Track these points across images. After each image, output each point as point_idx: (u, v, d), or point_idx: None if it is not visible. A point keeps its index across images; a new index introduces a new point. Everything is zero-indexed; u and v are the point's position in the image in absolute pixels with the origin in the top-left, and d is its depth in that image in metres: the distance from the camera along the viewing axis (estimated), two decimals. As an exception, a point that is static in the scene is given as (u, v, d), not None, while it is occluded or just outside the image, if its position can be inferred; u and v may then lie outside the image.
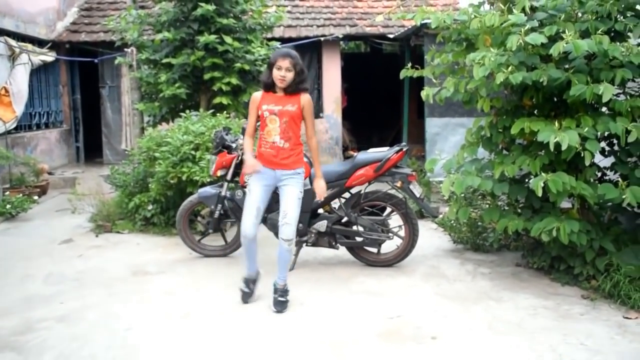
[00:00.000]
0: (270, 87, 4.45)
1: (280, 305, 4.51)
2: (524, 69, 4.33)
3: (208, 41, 7.19)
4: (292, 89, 4.39)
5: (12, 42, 9.77)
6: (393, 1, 12.73)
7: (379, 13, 11.99)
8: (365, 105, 14.78)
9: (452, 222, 6.04)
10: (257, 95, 4.51)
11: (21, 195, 8.23)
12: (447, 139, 8.39)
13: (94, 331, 4.23)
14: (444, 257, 5.91)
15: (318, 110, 11.92)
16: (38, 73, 11.00)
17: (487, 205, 5.76)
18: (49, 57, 11.06)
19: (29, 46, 10.38)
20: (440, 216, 6.57)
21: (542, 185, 4.22)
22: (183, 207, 6.04)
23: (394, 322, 4.30)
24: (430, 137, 8.45)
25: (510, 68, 4.22)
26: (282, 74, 4.29)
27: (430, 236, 6.48)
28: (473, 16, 4.69)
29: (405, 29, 9.98)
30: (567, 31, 4.19)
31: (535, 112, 4.90)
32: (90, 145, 12.73)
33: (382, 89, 15.26)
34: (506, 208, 5.27)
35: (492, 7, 5.11)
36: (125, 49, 8.52)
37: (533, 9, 4.52)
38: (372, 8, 12.47)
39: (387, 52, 14.24)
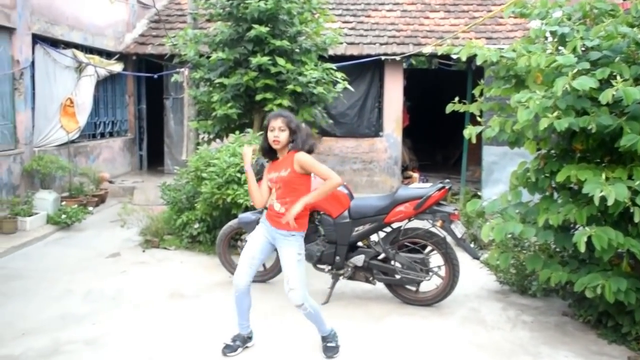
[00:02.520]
0: (267, 152, 4.30)
1: (331, 350, 4.35)
2: (572, 113, 4.04)
3: (261, 62, 7.18)
4: (291, 150, 4.16)
5: (79, 55, 10.08)
6: (460, 19, 12.40)
7: (445, 31, 11.73)
8: (430, 123, 14.48)
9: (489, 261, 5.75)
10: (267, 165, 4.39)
11: (77, 205, 8.45)
12: (505, 169, 8.05)
13: (118, 358, 4.24)
14: (486, 299, 5.63)
15: (377, 130, 11.76)
16: (105, 83, 11.33)
17: (535, 248, 5.46)
18: (115, 69, 11.36)
19: (96, 58, 10.69)
20: (485, 255, 6.27)
21: (586, 239, 3.92)
22: (223, 232, 6.03)
23: (419, 374, 4.10)
24: (487, 166, 8.15)
25: (556, 113, 3.95)
26: (275, 134, 4.10)
27: (475, 273, 6.18)
28: (521, 53, 4.44)
29: (469, 50, 9.68)
30: (621, 75, 3.90)
31: (587, 156, 4.57)
32: (153, 154, 13.02)
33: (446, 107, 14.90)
34: (552, 255, 4.96)
35: (546, 40, 4.81)
36: (179, 68, 8.63)
37: (587, 49, 4.22)
38: (439, 26, 12.19)
39: (454, 70, 13.91)
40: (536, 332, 4.86)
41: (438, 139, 15.08)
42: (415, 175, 12.07)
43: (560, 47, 4.36)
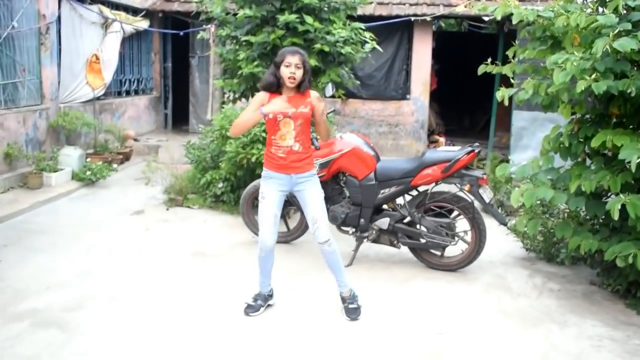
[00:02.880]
0: (274, 87, 4.10)
1: (354, 312, 4.30)
2: (610, 76, 3.88)
3: (288, 20, 7.01)
4: (302, 89, 4.08)
5: (106, 11, 10.00)
6: (493, -20, 12.03)
7: (477, -7, 11.40)
8: (457, 87, 14.20)
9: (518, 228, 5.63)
10: (264, 96, 4.11)
11: (102, 162, 8.47)
12: (535, 135, 7.90)
13: (138, 316, 4.25)
14: (512, 266, 5.55)
15: (405, 92, 11.57)
16: (130, 40, 11.27)
17: (564, 215, 5.34)
18: (141, 26, 11.26)
19: (122, 15, 10.61)
20: (512, 221, 6.16)
21: (620, 207, 3.80)
22: (247, 192, 5.99)
23: (442, 340, 4.04)
24: (516, 131, 7.97)
25: (594, 75, 3.79)
26: (292, 70, 3.96)
27: (501, 240, 6.08)
28: (560, 12, 4.25)
29: (502, 12, 9.40)
30: (665, 37, 3.72)
31: (623, 121, 4.41)
32: (178, 113, 12.99)
33: (476, 71, 14.57)
34: (582, 223, 4.85)
35: (585, 0, 4.62)
36: (205, 25, 8.49)
37: (628, 9, 4.02)
38: (471, -13, 11.84)
39: (485, 33, 13.58)
40: (563, 300, 4.77)
41: (466, 104, 14.79)
42: (442, 139, 11.88)
43: (600, 8, 4.15)
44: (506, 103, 4.72)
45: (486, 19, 9.95)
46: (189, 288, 4.78)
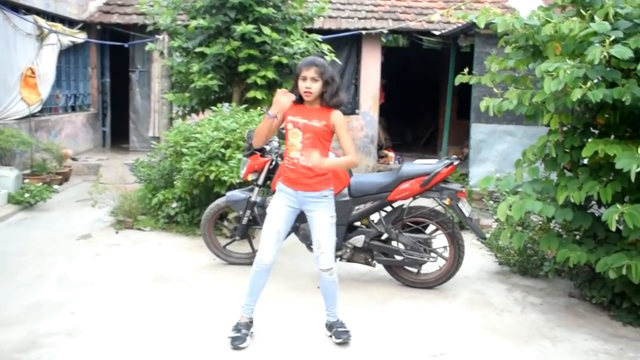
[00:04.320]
0: (300, 99, 3.84)
1: (344, 334, 3.99)
2: (602, 85, 3.80)
3: (245, 31, 6.74)
4: (323, 103, 3.80)
5: (41, 22, 9.42)
6: (438, -5, 12.14)
7: (423, 7, 11.48)
8: (401, 102, 14.24)
9: (499, 242, 5.52)
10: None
11: (41, 183, 7.89)
12: (493, 147, 7.87)
13: (104, 351, 3.83)
14: (488, 281, 5.42)
15: (354, 107, 11.47)
16: (67, 54, 10.66)
17: (539, 227, 5.25)
18: (79, 39, 10.70)
19: (59, 26, 10.02)
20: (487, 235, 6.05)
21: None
22: (209, 211, 5.64)
23: (438, 362, 3.83)
24: (475, 144, 7.92)
25: (589, 83, 3.69)
26: (307, 85, 3.71)
27: (472, 253, 5.95)
28: (544, 21, 4.16)
29: (452, 26, 9.43)
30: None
31: (608, 132, 4.35)
32: (117, 130, 12.38)
33: (418, 86, 14.70)
34: (563, 235, 4.76)
35: (562, 11, 4.56)
36: (157, 35, 8.10)
37: (616, 17, 3.96)
38: (417, 2, 11.91)
39: (425, 48, 13.69)
40: (548, 314, 4.66)
41: (408, 119, 14.86)
42: (391, 154, 11.84)
43: (584, 13, 4.08)
44: (490, 113, 4.59)
45: (436, 32, 9.93)
46: (158, 318, 4.37)
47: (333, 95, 3.77)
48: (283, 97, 3.74)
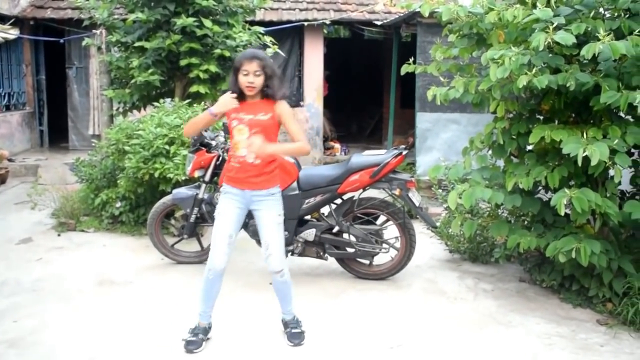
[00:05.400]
0: (239, 94, 3.70)
1: (297, 337, 3.90)
2: (547, 71, 3.83)
3: (185, 24, 6.56)
4: (265, 96, 3.69)
5: (-31, 18, 8.99)
6: (379, -14, 12.15)
7: (365, -2, 11.44)
8: (344, 93, 14.24)
9: (450, 229, 5.55)
10: (229, 96, 3.69)
11: (-25, 186, 7.54)
12: (438, 136, 7.93)
13: (51, 362, 3.67)
14: (440, 269, 5.44)
15: (298, 99, 11.38)
16: (-1, 51, 10.22)
17: (488, 214, 5.30)
18: (11, 34, 10.24)
19: (-12, 22, 9.59)
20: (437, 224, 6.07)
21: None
22: (155, 210, 5.48)
23: (396, 354, 3.80)
24: (421, 133, 7.97)
25: (534, 70, 3.72)
26: (250, 79, 3.58)
27: (423, 242, 5.97)
28: (488, 9, 4.18)
29: (394, 15, 9.45)
30: (596, 30, 3.72)
31: (553, 117, 4.41)
32: (56, 129, 11.96)
33: (361, 76, 14.71)
34: (511, 221, 4.82)
35: (503, -1, 4.58)
36: (94, 30, 7.82)
37: (557, 4, 4.00)
38: (358, -8, 11.88)
39: (367, 38, 13.70)
40: (500, 299, 4.70)
41: (352, 110, 14.88)
42: (337, 146, 11.82)
43: (526, 1, 4.10)
44: (437, 102, 4.58)
45: (378, 23, 9.93)
46: (103, 323, 4.21)
47: (279, 89, 3.68)
48: (230, 100, 3.62)
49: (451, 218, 5.16)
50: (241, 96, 3.68)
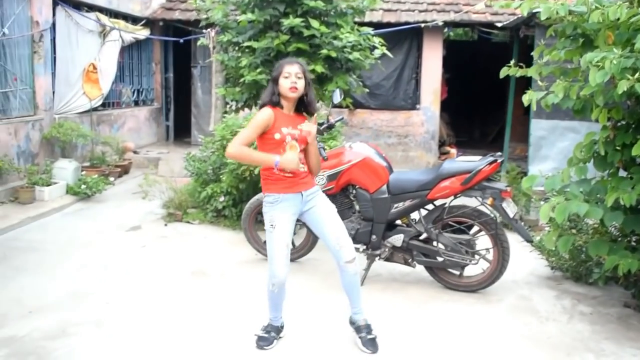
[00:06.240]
0: (276, 104, 3.64)
1: (372, 344, 3.80)
2: (654, 76, 3.46)
3: (293, 24, 6.64)
4: (300, 109, 3.71)
5: (104, 19, 9.66)
6: (504, -13, 11.66)
7: (488, -1, 11.04)
8: (468, 97, 13.80)
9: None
10: (270, 112, 3.58)
11: (98, 175, 8.08)
12: (554, 144, 7.46)
13: (127, 346, 3.82)
14: (537, 286, 5.10)
15: (414, 102, 11.18)
16: (130, 50, 10.93)
17: (594, 231, 4.89)
18: (141, 35, 10.92)
19: (121, 23, 10.26)
20: (537, 238, 5.70)
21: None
22: (249, 206, 5.59)
23: (467, 371, 3.61)
24: (535, 141, 7.54)
25: (637, 74, 3.37)
26: (293, 80, 3.53)
27: (524, 257, 5.65)
28: (593, 7, 3.84)
29: (516, 17, 9.02)
30: None
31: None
32: (180, 124, 12.62)
33: (487, 80, 14.16)
34: (615, 240, 4.40)
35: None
36: (206, 30, 8.13)
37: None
38: (481, -7, 11.49)
39: (495, 41, 13.19)
40: (596, 325, 4.32)
41: (476, 115, 14.39)
42: (453, 151, 11.48)
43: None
44: (534, 107, 4.29)
45: (499, 24, 9.52)
46: (188, 313, 4.35)
47: (314, 100, 3.69)
48: (297, 161, 3.57)
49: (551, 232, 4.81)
50: (279, 105, 3.65)
